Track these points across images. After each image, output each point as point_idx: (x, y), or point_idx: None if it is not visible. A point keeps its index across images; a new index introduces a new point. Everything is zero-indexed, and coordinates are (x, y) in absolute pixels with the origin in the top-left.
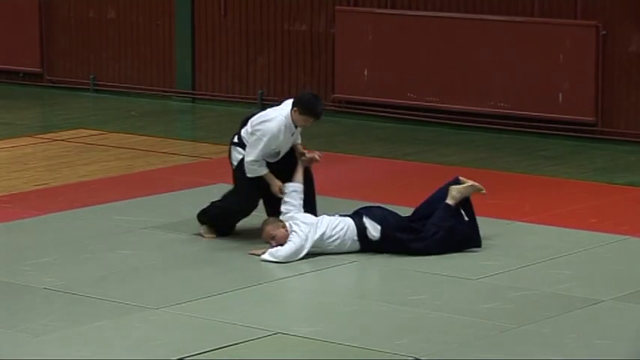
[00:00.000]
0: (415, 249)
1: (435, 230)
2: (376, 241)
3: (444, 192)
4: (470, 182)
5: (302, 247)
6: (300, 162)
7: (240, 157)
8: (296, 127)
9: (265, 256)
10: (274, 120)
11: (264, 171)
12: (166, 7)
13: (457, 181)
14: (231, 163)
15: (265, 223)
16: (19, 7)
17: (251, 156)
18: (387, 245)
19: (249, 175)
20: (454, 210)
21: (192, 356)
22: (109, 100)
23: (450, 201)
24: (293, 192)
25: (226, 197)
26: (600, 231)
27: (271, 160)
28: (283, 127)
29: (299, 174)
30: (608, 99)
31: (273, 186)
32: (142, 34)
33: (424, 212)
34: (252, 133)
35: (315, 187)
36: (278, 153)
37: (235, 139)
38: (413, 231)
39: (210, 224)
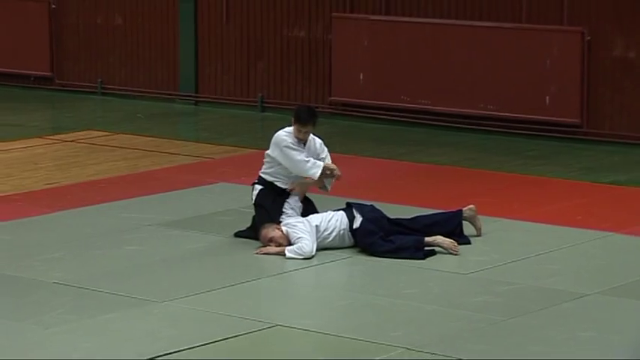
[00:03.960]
0: (370, 243)
1: (392, 240)
2: (356, 229)
3: (444, 218)
4: (449, 242)
5: (311, 241)
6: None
7: (256, 192)
8: (299, 141)
9: (290, 255)
10: (279, 132)
11: (319, 167)
12: (171, 13)
13: (460, 213)
14: (252, 200)
15: (262, 227)
16: (30, 14)
17: (298, 161)
18: (359, 234)
19: (318, 174)
20: (421, 244)
21: (194, 347)
22: (116, 102)
23: (427, 239)
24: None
25: (248, 229)
26: (585, 228)
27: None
28: (289, 135)
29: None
30: (592, 102)
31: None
32: (147, 39)
33: (413, 224)
34: (281, 151)
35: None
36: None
37: (256, 180)
38: (384, 230)
39: None
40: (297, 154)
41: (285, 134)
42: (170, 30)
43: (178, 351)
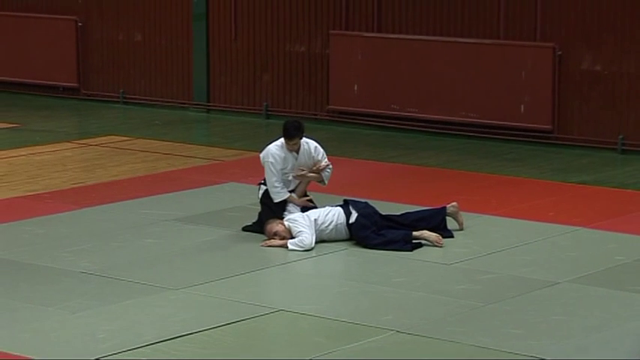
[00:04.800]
0: (364, 236)
1: (384, 234)
2: (352, 224)
3: (430, 214)
4: (435, 236)
5: (310, 234)
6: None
7: (262, 191)
8: (290, 151)
9: (292, 247)
10: (270, 145)
11: (285, 194)
12: (185, 31)
13: (444, 209)
14: (258, 198)
15: (267, 222)
16: (59, 31)
17: (270, 182)
18: (354, 228)
19: (276, 200)
20: (410, 237)
21: (207, 330)
22: (136, 110)
23: (415, 233)
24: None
25: (255, 224)
26: (556, 223)
27: (289, 188)
28: (280, 148)
29: (301, 188)
30: (563, 110)
31: (301, 202)
32: (164, 54)
33: (402, 220)
34: (264, 165)
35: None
36: (290, 180)
37: (262, 180)
38: (376, 224)
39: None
40: (272, 175)
41: (275, 148)
42: (184, 46)
43: (192, 333)
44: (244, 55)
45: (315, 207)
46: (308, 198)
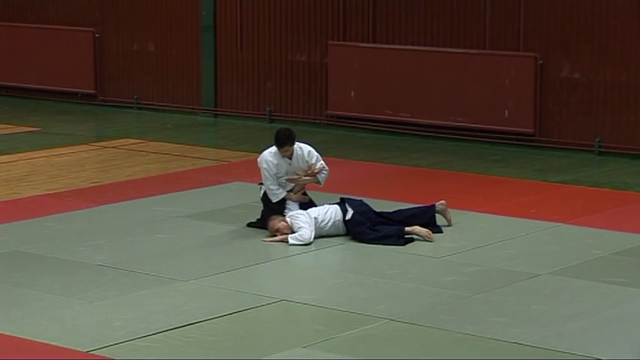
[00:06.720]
0: (360, 232)
1: (378, 230)
2: (348, 220)
3: (421, 211)
4: (425, 232)
5: (310, 230)
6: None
7: (262, 191)
8: (284, 157)
9: (293, 242)
10: (265, 152)
11: (282, 194)
12: (194, 42)
13: (433, 207)
14: (260, 197)
15: (270, 219)
16: (78, 42)
17: (266, 185)
18: (350, 224)
19: (274, 200)
20: (402, 232)
21: (214, 318)
22: (149, 115)
23: (407, 228)
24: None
25: (258, 220)
26: (538, 219)
27: (286, 189)
28: (272, 154)
29: (297, 189)
30: (544, 114)
31: (297, 198)
32: (174, 63)
33: (395, 216)
34: (260, 169)
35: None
36: (285, 183)
37: (262, 181)
38: (371, 221)
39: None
40: (267, 179)
41: (268, 155)
42: (194, 55)
43: (201, 321)
44: (249, 64)
45: (311, 201)
46: (302, 191)
